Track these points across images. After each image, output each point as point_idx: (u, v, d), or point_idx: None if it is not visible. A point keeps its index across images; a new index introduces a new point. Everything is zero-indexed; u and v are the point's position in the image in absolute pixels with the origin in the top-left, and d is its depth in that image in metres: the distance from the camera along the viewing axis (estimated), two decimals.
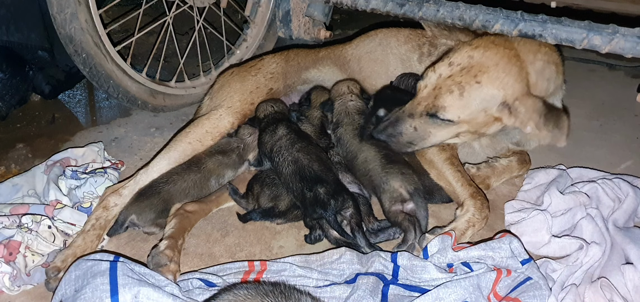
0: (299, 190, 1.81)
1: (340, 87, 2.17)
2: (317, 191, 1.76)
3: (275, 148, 1.93)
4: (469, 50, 1.77)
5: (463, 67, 1.74)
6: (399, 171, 1.84)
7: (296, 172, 1.84)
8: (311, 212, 1.76)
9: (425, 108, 1.79)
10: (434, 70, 1.80)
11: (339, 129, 2.07)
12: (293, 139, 1.95)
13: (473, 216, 1.78)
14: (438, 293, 1.44)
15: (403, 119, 1.84)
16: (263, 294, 1.27)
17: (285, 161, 1.89)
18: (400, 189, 1.79)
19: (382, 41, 2.33)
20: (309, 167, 1.84)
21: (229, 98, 2.14)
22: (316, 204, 1.74)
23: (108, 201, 1.81)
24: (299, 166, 1.85)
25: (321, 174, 1.83)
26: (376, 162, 1.88)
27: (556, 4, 2.97)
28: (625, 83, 3.07)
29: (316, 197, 1.75)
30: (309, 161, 1.87)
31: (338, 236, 1.75)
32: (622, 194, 1.89)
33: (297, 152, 1.89)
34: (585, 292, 1.53)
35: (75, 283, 1.41)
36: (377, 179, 1.85)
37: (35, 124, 2.62)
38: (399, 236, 1.78)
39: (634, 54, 1.78)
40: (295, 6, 2.59)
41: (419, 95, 1.82)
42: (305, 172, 1.83)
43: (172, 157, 1.95)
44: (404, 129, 1.83)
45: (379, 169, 1.86)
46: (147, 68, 2.51)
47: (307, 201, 1.78)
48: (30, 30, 2.58)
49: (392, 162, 1.87)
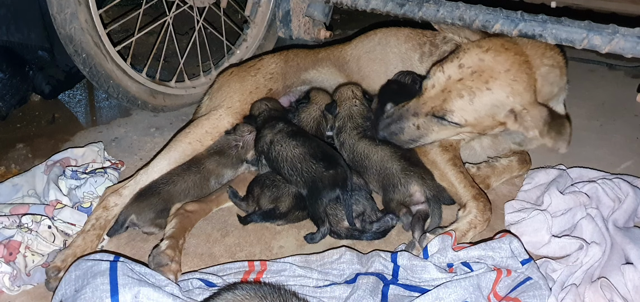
0: (310, 171, 1.80)
1: (345, 92, 2.16)
2: (337, 169, 1.77)
3: (276, 139, 1.94)
4: (480, 53, 1.74)
5: (474, 70, 1.72)
6: (420, 175, 1.84)
7: (306, 153, 1.85)
8: (328, 193, 1.75)
9: (432, 109, 1.78)
10: (442, 71, 1.77)
11: (342, 134, 2.06)
12: (294, 130, 1.97)
13: (475, 218, 1.78)
14: (438, 293, 1.44)
15: (407, 117, 1.83)
16: (262, 296, 1.27)
17: (289, 145, 1.89)
18: (417, 193, 1.81)
19: (381, 41, 2.32)
20: (320, 148, 1.86)
21: (229, 98, 2.14)
22: (335, 184, 1.74)
23: (108, 201, 1.81)
24: (309, 147, 1.86)
25: (334, 154, 1.85)
26: (395, 163, 1.88)
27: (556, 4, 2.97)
28: (625, 83, 3.07)
29: (336, 176, 1.75)
30: (317, 143, 1.89)
31: (348, 226, 1.75)
32: (622, 194, 1.89)
33: (302, 137, 1.91)
34: (585, 292, 1.53)
35: (76, 283, 1.41)
36: (394, 179, 1.85)
37: (35, 124, 2.62)
38: (396, 222, 1.80)
39: (634, 54, 1.78)
40: (295, 6, 2.59)
41: (426, 94, 1.81)
42: (317, 152, 1.84)
43: (172, 157, 1.95)
44: (407, 127, 1.83)
45: (398, 170, 1.86)
46: (147, 68, 2.51)
47: (322, 183, 1.77)
48: (30, 30, 2.59)
49: (413, 164, 1.87)
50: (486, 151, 2.14)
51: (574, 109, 2.61)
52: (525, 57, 1.77)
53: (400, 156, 1.89)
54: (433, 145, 1.93)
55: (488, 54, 1.73)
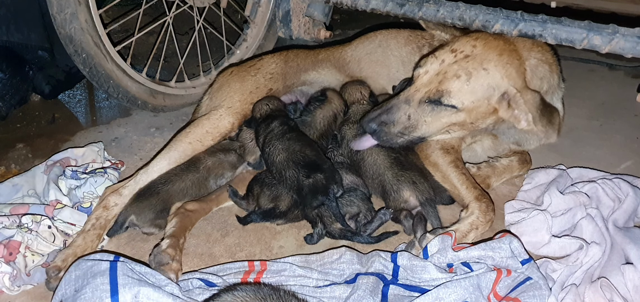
0: (293, 178, 1.79)
1: (354, 94, 2.14)
2: (316, 176, 1.75)
3: (267, 139, 1.93)
4: (471, 40, 1.80)
5: (466, 55, 1.76)
6: (411, 179, 1.81)
7: (289, 159, 1.83)
8: (311, 200, 1.74)
9: (427, 94, 1.78)
10: (435, 57, 1.80)
11: (343, 128, 2.06)
12: (284, 130, 1.95)
13: (477, 219, 1.77)
14: (438, 293, 1.44)
15: (398, 106, 1.82)
16: (261, 297, 1.27)
17: (276, 149, 1.88)
18: (411, 198, 1.79)
19: (382, 42, 2.32)
20: (302, 153, 1.83)
21: (229, 98, 2.14)
22: (316, 191, 1.73)
23: (108, 201, 1.81)
24: (291, 152, 1.84)
25: (316, 159, 1.82)
26: (387, 167, 1.86)
27: (556, 4, 2.97)
28: (625, 83, 3.07)
29: (315, 184, 1.73)
30: (302, 146, 1.86)
31: (340, 227, 1.74)
32: (622, 194, 1.89)
33: (288, 141, 1.88)
34: (585, 292, 1.53)
35: (76, 283, 1.41)
36: (387, 186, 1.84)
37: (35, 124, 2.62)
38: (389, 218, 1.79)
39: (634, 54, 1.78)
40: (295, 6, 2.59)
41: (418, 81, 1.81)
42: (298, 157, 1.82)
43: (172, 157, 1.95)
44: (398, 117, 1.81)
45: (389, 176, 1.84)
46: (147, 68, 2.51)
47: (305, 190, 1.76)
48: (30, 30, 2.59)
49: (404, 169, 1.85)
50: (487, 152, 2.14)
51: (574, 109, 2.62)
52: (514, 46, 1.84)
53: (392, 162, 1.87)
54: (434, 147, 1.93)
55: (479, 41, 1.80)
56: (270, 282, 1.54)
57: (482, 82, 1.74)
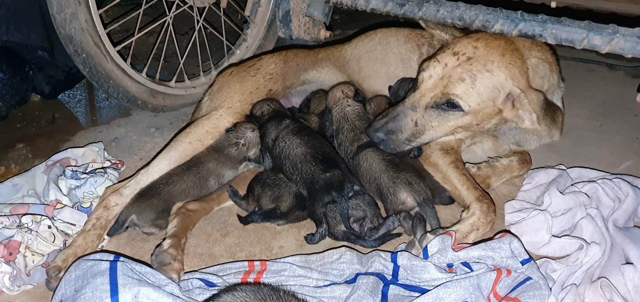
0: (309, 172, 1.80)
1: (335, 94, 2.14)
2: (333, 172, 1.77)
3: (281, 135, 1.94)
4: (472, 42, 1.80)
5: (469, 57, 1.76)
6: (407, 180, 1.81)
7: (307, 153, 1.85)
8: (323, 196, 1.75)
9: (433, 99, 1.78)
10: (438, 61, 1.79)
11: (339, 136, 2.05)
12: (300, 127, 1.97)
13: (478, 220, 1.77)
14: (438, 293, 1.44)
15: (404, 112, 1.82)
16: (261, 298, 1.27)
17: (293, 143, 1.90)
18: (408, 199, 1.79)
19: (381, 41, 2.33)
20: (322, 149, 1.85)
21: (229, 98, 2.14)
22: (331, 187, 1.74)
23: (108, 201, 1.81)
24: (311, 147, 1.86)
25: (335, 157, 1.84)
26: (382, 170, 1.85)
27: (556, 4, 2.97)
28: (625, 83, 3.07)
29: (332, 179, 1.74)
30: (321, 143, 1.88)
31: (344, 230, 1.74)
32: (622, 194, 1.89)
33: (307, 136, 1.90)
34: (585, 292, 1.53)
35: (76, 283, 1.41)
36: (383, 189, 1.83)
37: (35, 124, 2.62)
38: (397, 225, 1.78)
39: (634, 54, 1.78)
40: (295, 6, 2.59)
41: (422, 86, 1.81)
42: (317, 153, 1.84)
43: (172, 157, 1.95)
44: (405, 124, 1.81)
45: (385, 179, 1.83)
46: (147, 68, 2.51)
47: (320, 184, 1.77)
48: (30, 30, 2.58)
49: (399, 170, 1.84)
50: (487, 152, 2.14)
51: (574, 109, 2.62)
52: (515, 46, 1.85)
53: (387, 164, 1.86)
54: (434, 148, 1.93)
55: (480, 42, 1.80)
56: (270, 283, 1.54)
57: (487, 84, 1.74)
